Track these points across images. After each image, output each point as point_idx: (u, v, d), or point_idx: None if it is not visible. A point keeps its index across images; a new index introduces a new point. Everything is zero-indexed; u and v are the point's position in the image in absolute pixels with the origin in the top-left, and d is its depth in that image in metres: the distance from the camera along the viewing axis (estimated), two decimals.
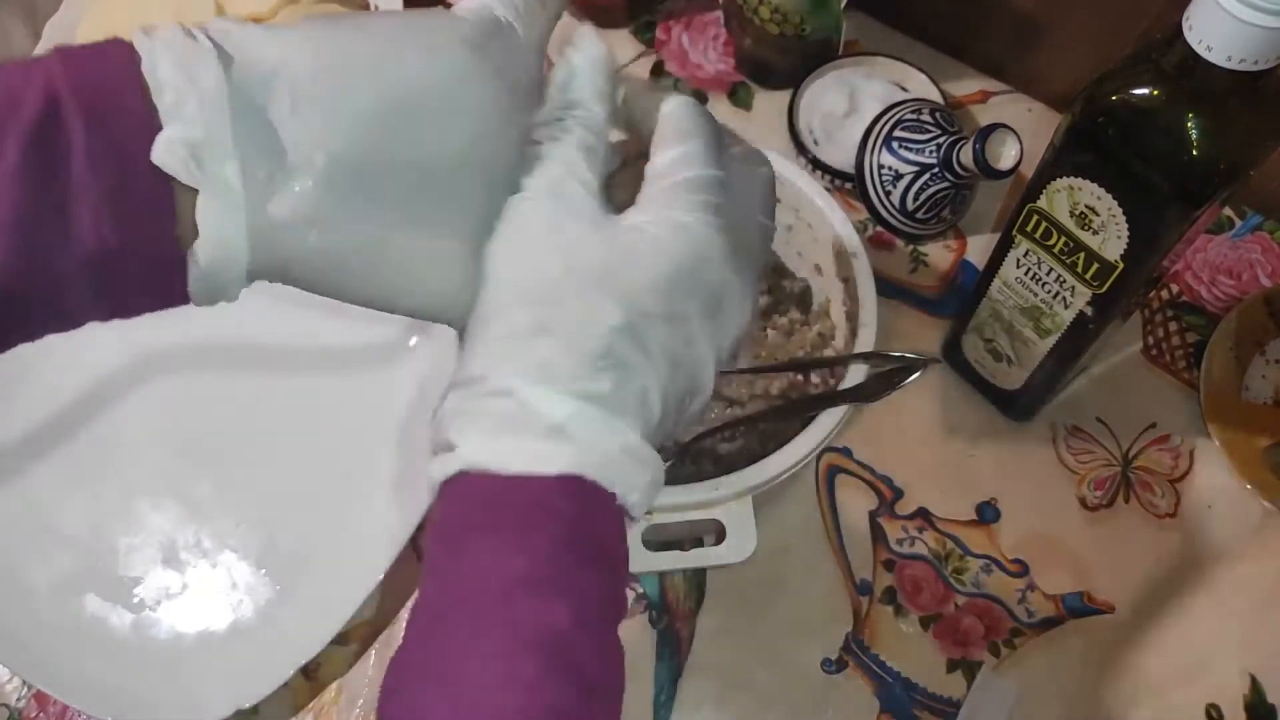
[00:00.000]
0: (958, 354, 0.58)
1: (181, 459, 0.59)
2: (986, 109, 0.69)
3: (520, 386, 0.29)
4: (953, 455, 0.58)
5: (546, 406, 0.29)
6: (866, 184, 0.62)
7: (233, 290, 0.30)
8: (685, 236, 0.31)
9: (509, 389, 0.29)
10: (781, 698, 0.53)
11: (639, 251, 0.31)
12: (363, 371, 0.61)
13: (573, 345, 0.30)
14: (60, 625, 0.55)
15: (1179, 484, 0.57)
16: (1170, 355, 0.61)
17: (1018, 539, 0.56)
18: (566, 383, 0.29)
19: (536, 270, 0.31)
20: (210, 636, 0.55)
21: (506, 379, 0.29)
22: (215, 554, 0.57)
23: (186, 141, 0.27)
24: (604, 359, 0.30)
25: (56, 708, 0.54)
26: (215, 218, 0.28)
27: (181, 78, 0.27)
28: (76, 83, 0.27)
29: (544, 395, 0.29)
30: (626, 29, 0.74)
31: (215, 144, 0.27)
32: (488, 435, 0.29)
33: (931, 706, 0.52)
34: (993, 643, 0.54)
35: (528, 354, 0.30)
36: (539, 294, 0.30)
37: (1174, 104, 0.38)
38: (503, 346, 0.30)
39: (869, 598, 0.55)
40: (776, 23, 0.65)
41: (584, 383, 0.29)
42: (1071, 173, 0.42)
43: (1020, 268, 0.49)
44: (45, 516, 0.58)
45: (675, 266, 0.31)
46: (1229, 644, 0.53)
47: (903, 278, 0.64)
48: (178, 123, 0.27)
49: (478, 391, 0.30)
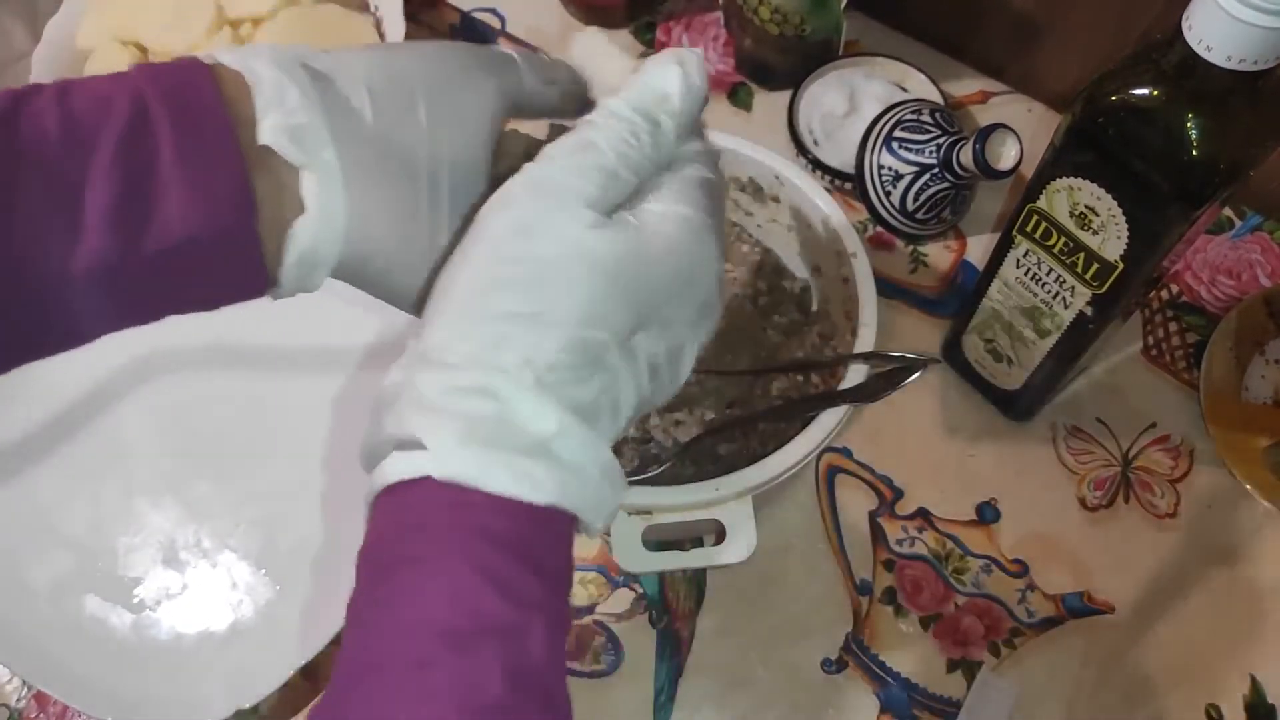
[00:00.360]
0: (958, 354, 0.58)
1: (181, 459, 0.59)
2: (986, 109, 0.69)
3: (505, 388, 0.27)
4: (953, 455, 0.58)
5: (533, 417, 0.27)
6: (866, 184, 0.62)
7: (320, 274, 0.31)
8: (694, 237, 0.30)
9: (492, 389, 0.27)
10: (781, 698, 0.53)
11: (650, 248, 0.30)
12: (362, 371, 0.61)
13: (568, 344, 0.28)
14: (60, 625, 0.55)
15: (1179, 484, 0.57)
16: (1170, 355, 0.61)
17: (1018, 539, 0.56)
18: (556, 389, 0.28)
19: (534, 247, 0.28)
20: (210, 636, 0.55)
21: (490, 375, 0.27)
22: (215, 554, 0.57)
23: (289, 127, 0.29)
24: (596, 364, 0.28)
25: (56, 708, 0.54)
26: (319, 195, 0.30)
27: (280, 72, 0.30)
28: (162, 87, 0.29)
29: (531, 403, 0.27)
30: (626, 29, 0.74)
31: (314, 130, 0.29)
32: (465, 442, 0.27)
33: (931, 706, 0.52)
34: (993, 643, 0.54)
35: (515, 345, 0.27)
36: (534, 274, 0.28)
37: (1174, 104, 0.38)
38: (487, 329, 0.28)
39: (869, 598, 0.55)
40: (776, 23, 0.65)
41: (572, 389, 0.28)
42: (1071, 173, 0.42)
43: (1020, 268, 0.49)
44: (45, 516, 0.58)
45: (683, 267, 0.30)
46: (1229, 644, 0.53)
47: (903, 278, 0.64)
48: (278, 111, 0.29)
49: (452, 382, 0.27)
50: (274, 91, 0.29)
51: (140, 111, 0.28)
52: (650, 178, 0.31)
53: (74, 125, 0.28)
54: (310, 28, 0.64)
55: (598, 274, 0.28)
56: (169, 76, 0.29)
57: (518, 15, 0.76)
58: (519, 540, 0.27)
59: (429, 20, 0.76)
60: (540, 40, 0.74)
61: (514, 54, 0.34)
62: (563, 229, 0.29)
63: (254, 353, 0.62)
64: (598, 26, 0.75)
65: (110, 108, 0.28)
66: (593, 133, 0.30)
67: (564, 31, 0.75)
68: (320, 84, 0.30)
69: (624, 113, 0.31)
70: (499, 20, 0.76)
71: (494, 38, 0.75)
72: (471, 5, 0.76)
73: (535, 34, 0.75)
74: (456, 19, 0.76)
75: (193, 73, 0.30)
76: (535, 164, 0.30)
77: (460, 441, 0.27)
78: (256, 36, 0.65)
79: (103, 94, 0.29)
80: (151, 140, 0.28)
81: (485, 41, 0.75)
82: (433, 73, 0.32)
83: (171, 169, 0.28)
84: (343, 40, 0.66)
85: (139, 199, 0.28)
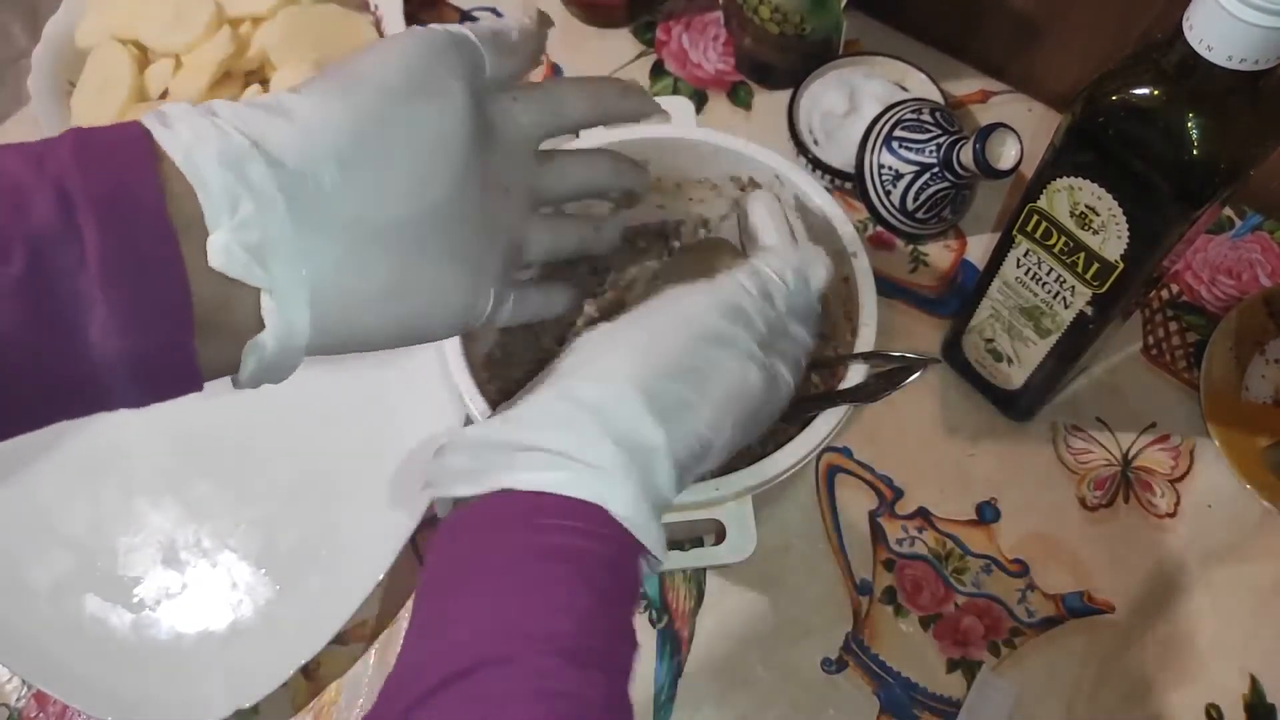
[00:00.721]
0: (958, 354, 0.58)
1: (181, 459, 0.59)
2: (986, 109, 0.69)
3: (661, 457, 0.33)
4: (953, 455, 0.58)
5: (666, 485, 0.33)
6: (866, 184, 0.62)
7: (288, 370, 0.31)
8: (783, 398, 0.39)
9: (655, 448, 0.33)
10: (781, 698, 0.53)
11: (770, 397, 0.38)
12: (362, 371, 0.61)
13: (702, 437, 0.34)
14: (60, 625, 0.55)
15: (1179, 484, 0.57)
16: (1170, 355, 0.61)
17: (1018, 539, 0.56)
18: (682, 468, 0.34)
19: (721, 357, 0.35)
20: (210, 636, 0.55)
21: (655, 433, 0.33)
22: (215, 554, 0.57)
23: (246, 245, 0.26)
24: (702, 457, 0.35)
25: (56, 708, 0.54)
26: (279, 313, 0.28)
27: (229, 174, 0.26)
28: (90, 179, 0.25)
29: (669, 475, 0.33)
30: (626, 29, 0.74)
31: (272, 244, 0.27)
32: (632, 483, 0.32)
33: (931, 706, 0.52)
34: (993, 643, 0.54)
35: (676, 424, 0.33)
36: (709, 378, 0.35)
37: (1174, 104, 0.38)
38: (669, 399, 0.33)
39: (869, 597, 0.55)
40: (776, 22, 0.65)
41: (688, 472, 0.35)
42: (1071, 173, 0.42)
43: (1020, 268, 0.49)
44: (45, 516, 0.58)
45: (768, 415, 0.39)
46: (1229, 644, 0.53)
47: (903, 278, 0.64)
48: (229, 225, 0.26)
49: (624, 427, 0.32)
50: (224, 199, 0.26)
51: (64, 210, 0.25)
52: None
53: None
54: (309, 27, 0.64)
55: (745, 402, 0.36)
56: (103, 156, 0.26)
57: (517, 15, 0.76)
58: (634, 583, 0.32)
59: (429, 20, 0.76)
60: None
61: (471, 35, 0.34)
62: (744, 359, 0.36)
63: None
64: (596, 26, 0.75)
65: (28, 204, 0.24)
66: (769, 279, 0.38)
67: (564, 31, 0.75)
68: (279, 173, 0.27)
69: (786, 276, 0.38)
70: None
71: None
72: (471, 5, 0.76)
73: None
74: (457, 19, 0.76)
75: (131, 153, 0.26)
76: (734, 288, 0.37)
77: (632, 482, 0.32)
78: (256, 36, 0.65)
79: (21, 181, 0.25)
80: (74, 251, 0.25)
81: None
82: (400, 101, 0.30)
83: (94, 289, 0.25)
84: (341, 39, 0.66)
85: (55, 326, 0.25)
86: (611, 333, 0.36)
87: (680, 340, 0.34)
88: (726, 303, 0.36)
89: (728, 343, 0.35)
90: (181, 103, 0.28)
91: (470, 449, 0.33)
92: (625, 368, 0.33)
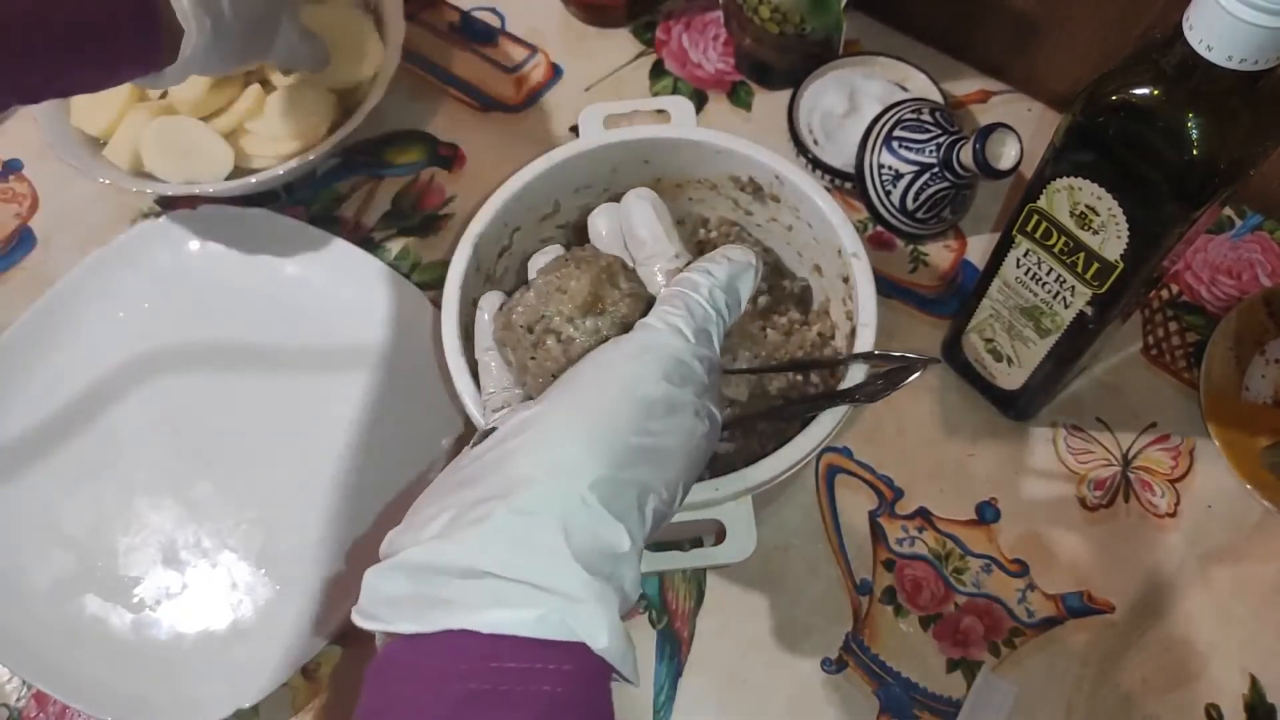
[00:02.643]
0: (958, 354, 0.58)
1: (181, 459, 0.59)
2: (986, 109, 0.69)
3: (629, 561, 0.30)
4: (953, 455, 0.58)
5: (632, 586, 0.30)
6: (866, 184, 0.62)
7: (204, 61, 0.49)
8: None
9: (620, 553, 0.30)
10: (781, 698, 0.53)
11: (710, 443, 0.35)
12: (362, 371, 0.61)
13: (656, 514, 0.31)
14: (60, 625, 0.55)
15: (1179, 484, 0.57)
16: (1170, 355, 0.61)
17: (1018, 539, 0.56)
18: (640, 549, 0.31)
19: (675, 423, 0.33)
20: (210, 636, 0.55)
21: (620, 536, 0.30)
22: (215, 554, 0.57)
23: None
24: (655, 528, 0.32)
25: (56, 708, 0.54)
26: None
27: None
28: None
29: (635, 571, 0.31)
30: (626, 29, 0.74)
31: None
32: (611, 618, 0.29)
33: (931, 706, 0.52)
34: (993, 643, 0.54)
35: (635, 516, 0.31)
36: (665, 454, 0.32)
37: (1174, 104, 0.38)
38: (627, 493, 0.31)
39: (869, 597, 0.55)
40: (776, 22, 0.65)
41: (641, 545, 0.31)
42: (1071, 173, 0.42)
43: (1020, 268, 0.49)
44: (45, 516, 0.58)
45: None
46: (1229, 644, 0.53)
47: (903, 278, 0.64)
48: None
49: (592, 543, 0.29)
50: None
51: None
52: None
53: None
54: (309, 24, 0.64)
55: (696, 456, 0.34)
56: None
57: (517, 14, 0.76)
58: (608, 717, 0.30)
59: (429, 20, 0.76)
60: (540, 40, 0.74)
61: None
62: (691, 416, 0.33)
63: (254, 353, 0.62)
64: (596, 26, 0.75)
65: None
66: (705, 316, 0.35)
67: (564, 31, 0.75)
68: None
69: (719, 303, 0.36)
70: (499, 19, 0.76)
71: (495, 36, 0.75)
72: (471, 5, 0.76)
73: (535, 33, 0.75)
74: (456, 18, 0.76)
75: None
76: (673, 344, 0.34)
77: (606, 607, 0.28)
78: None
79: None
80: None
81: (486, 42, 0.75)
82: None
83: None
84: (342, 36, 0.66)
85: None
86: (548, 417, 0.32)
87: (629, 419, 0.31)
88: (669, 362, 0.33)
89: (677, 408, 0.32)
90: None
91: (410, 572, 0.29)
92: (575, 464, 0.30)
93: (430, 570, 0.29)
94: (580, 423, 0.31)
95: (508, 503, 0.29)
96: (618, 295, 0.38)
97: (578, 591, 0.28)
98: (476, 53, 0.74)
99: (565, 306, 0.38)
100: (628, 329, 0.37)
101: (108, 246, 0.64)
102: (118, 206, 0.68)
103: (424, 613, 0.28)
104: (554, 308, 0.38)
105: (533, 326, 0.38)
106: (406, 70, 0.72)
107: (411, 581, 0.29)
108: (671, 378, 0.33)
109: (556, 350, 0.38)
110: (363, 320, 0.62)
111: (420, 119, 0.71)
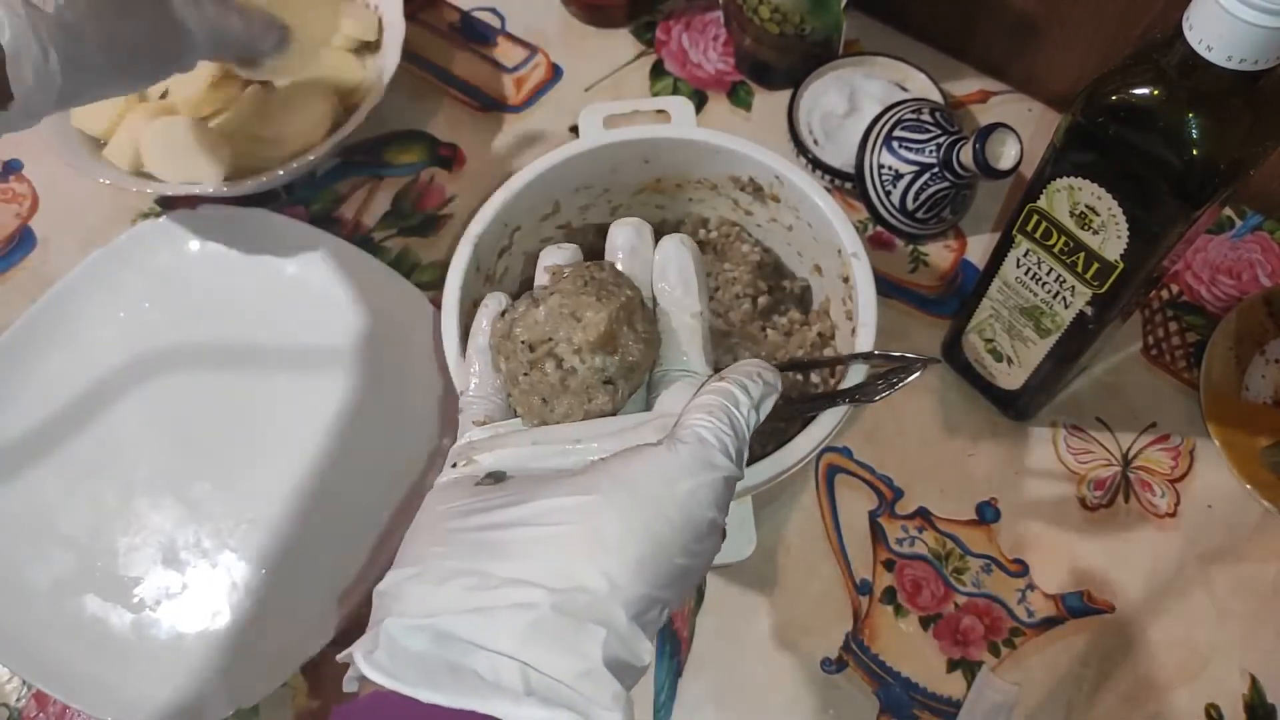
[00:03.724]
0: (958, 354, 0.58)
1: (181, 459, 0.59)
2: (986, 109, 0.69)
3: (644, 655, 0.30)
4: (953, 455, 0.58)
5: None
6: (866, 184, 0.62)
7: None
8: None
9: (640, 658, 0.30)
10: (781, 698, 0.53)
11: None
12: (363, 371, 0.61)
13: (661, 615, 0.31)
14: (60, 625, 0.55)
15: (1179, 484, 0.57)
16: (1170, 355, 0.61)
17: (1018, 539, 0.56)
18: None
19: (706, 547, 0.32)
20: (210, 636, 0.55)
21: (641, 643, 0.30)
22: (215, 554, 0.57)
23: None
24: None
25: (56, 708, 0.54)
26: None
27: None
28: None
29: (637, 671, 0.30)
30: (626, 29, 0.74)
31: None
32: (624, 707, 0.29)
33: (931, 706, 0.52)
34: (993, 643, 0.54)
35: (655, 623, 0.31)
36: (691, 575, 0.32)
37: (1174, 104, 0.38)
38: (651, 609, 0.30)
39: (869, 597, 0.55)
40: (776, 22, 0.65)
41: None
42: (1071, 173, 0.42)
43: (1020, 268, 0.49)
44: (45, 516, 0.58)
45: None
46: (1229, 644, 0.53)
47: (903, 278, 0.64)
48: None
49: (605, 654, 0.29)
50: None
51: None
52: None
53: None
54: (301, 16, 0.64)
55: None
56: None
57: (517, 14, 0.76)
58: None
59: (429, 20, 0.76)
60: (540, 40, 0.75)
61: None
62: (718, 536, 0.33)
63: (254, 353, 0.62)
64: (596, 26, 0.75)
65: None
66: (743, 437, 0.34)
67: (564, 31, 0.75)
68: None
69: (751, 423, 0.35)
70: (499, 19, 0.76)
71: (495, 36, 0.75)
72: (471, 5, 0.76)
73: (535, 33, 0.75)
74: (456, 18, 0.76)
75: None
76: (724, 466, 0.33)
77: (625, 717, 0.28)
78: None
79: None
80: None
81: (486, 42, 0.75)
82: None
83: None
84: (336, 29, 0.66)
85: None
86: (603, 516, 0.31)
87: (680, 544, 0.31)
88: (720, 485, 0.33)
89: (714, 531, 0.33)
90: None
91: (437, 636, 0.29)
92: (627, 580, 0.30)
93: (463, 642, 0.29)
94: (637, 540, 0.31)
95: (555, 600, 0.29)
96: (632, 338, 0.37)
97: (608, 702, 0.28)
98: (476, 53, 0.74)
99: (576, 336, 0.36)
100: (633, 372, 0.36)
101: (108, 246, 0.64)
102: (118, 206, 0.68)
103: (447, 683, 0.28)
104: (564, 333, 0.36)
105: (535, 345, 0.37)
106: (406, 70, 0.72)
107: (437, 645, 0.29)
108: (719, 503, 0.33)
109: (554, 376, 0.36)
110: (363, 320, 0.62)
111: (420, 119, 0.71)
